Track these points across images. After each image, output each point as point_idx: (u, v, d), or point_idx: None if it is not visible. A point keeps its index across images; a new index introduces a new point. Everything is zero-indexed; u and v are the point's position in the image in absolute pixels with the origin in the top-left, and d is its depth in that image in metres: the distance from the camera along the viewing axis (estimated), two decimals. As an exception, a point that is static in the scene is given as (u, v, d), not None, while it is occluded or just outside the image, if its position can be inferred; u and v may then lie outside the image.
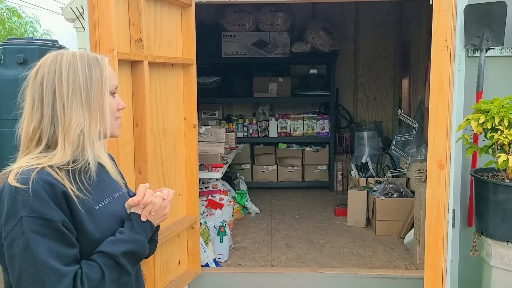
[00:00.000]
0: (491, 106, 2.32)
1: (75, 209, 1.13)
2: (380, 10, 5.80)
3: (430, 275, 2.39)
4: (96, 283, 1.12)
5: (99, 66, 1.21)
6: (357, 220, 4.19)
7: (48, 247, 1.07)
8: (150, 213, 1.23)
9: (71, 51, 1.25)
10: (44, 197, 1.08)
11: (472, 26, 2.73)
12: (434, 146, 2.33)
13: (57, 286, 1.07)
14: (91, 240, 1.16)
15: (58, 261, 1.08)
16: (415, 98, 5.02)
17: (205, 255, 3.22)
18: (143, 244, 1.21)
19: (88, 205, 1.16)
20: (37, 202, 1.07)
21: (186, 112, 2.96)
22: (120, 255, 1.15)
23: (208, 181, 4.14)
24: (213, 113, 5.75)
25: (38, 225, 1.06)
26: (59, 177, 1.13)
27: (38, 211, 1.07)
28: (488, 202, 2.34)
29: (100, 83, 1.19)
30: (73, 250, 1.12)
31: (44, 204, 1.07)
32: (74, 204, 1.13)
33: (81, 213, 1.14)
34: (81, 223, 1.14)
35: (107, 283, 1.13)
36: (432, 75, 2.32)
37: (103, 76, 1.20)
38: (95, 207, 1.19)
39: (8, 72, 4.00)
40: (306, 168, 5.61)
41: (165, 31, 2.71)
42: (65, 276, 1.07)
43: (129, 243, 1.18)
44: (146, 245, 1.23)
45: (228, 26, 5.42)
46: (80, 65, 1.18)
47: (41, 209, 1.07)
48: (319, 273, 3.16)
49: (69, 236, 1.11)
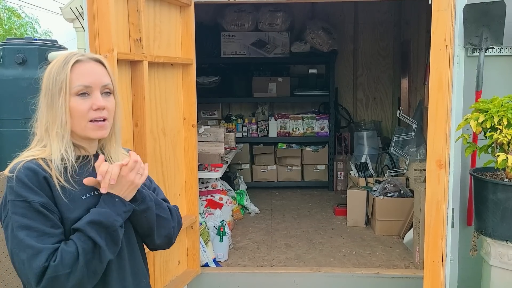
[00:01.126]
0: (490, 106, 2.32)
1: (56, 195, 1.21)
2: (379, 10, 5.80)
3: (430, 274, 2.39)
4: (70, 256, 1.16)
5: (64, 68, 1.25)
6: (356, 220, 4.19)
7: (27, 227, 1.16)
8: (110, 184, 1.24)
9: (64, 53, 1.30)
10: (25, 182, 1.18)
11: (471, 26, 2.73)
12: (434, 145, 2.33)
13: (33, 262, 1.14)
14: (71, 223, 1.22)
15: (36, 239, 1.15)
16: (414, 97, 5.02)
17: (205, 254, 3.22)
18: (107, 215, 1.22)
19: (74, 195, 1.23)
20: (19, 187, 1.18)
21: (185, 112, 2.96)
22: (85, 226, 1.19)
23: (207, 181, 4.14)
24: (212, 113, 5.75)
25: (20, 207, 1.17)
26: (47, 167, 1.21)
27: (20, 195, 1.17)
28: (487, 201, 2.34)
29: (60, 85, 1.24)
30: (55, 230, 1.19)
31: (26, 188, 1.17)
32: (55, 191, 1.21)
33: (61, 201, 1.22)
34: (60, 210, 1.22)
35: (81, 256, 1.16)
36: (431, 75, 2.32)
37: (66, 79, 1.24)
38: (81, 197, 1.25)
39: (8, 72, 4.00)
40: (306, 168, 5.62)
41: (165, 31, 2.71)
42: (40, 253, 1.14)
43: (92, 214, 1.22)
44: (112, 216, 1.22)
45: (227, 26, 5.42)
46: (55, 69, 1.26)
47: (23, 192, 1.17)
48: (319, 273, 3.16)
49: (50, 217, 1.18)
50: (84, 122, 1.26)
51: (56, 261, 1.14)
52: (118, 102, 1.35)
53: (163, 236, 1.40)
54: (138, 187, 1.29)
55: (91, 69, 1.28)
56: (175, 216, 1.44)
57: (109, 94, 1.31)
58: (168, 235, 1.41)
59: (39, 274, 1.13)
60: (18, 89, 3.95)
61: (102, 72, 1.30)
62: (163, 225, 1.38)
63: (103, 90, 1.29)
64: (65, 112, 1.24)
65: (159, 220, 1.37)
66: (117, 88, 1.36)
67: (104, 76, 1.30)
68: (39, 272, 1.13)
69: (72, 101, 1.24)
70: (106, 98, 1.29)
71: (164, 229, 1.39)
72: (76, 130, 1.27)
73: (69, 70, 1.24)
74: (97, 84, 1.28)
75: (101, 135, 1.30)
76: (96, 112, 1.26)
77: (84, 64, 1.27)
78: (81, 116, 1.25)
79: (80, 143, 1.31)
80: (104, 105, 1.27)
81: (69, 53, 1.30)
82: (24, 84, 3.96)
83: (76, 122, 1.26)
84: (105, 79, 1.30)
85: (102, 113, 1.27)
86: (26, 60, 4.01)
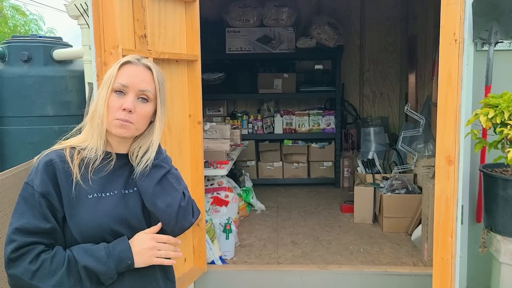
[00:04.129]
0: (500, 101, 2.29)
1: (64, 188, 1.25)
2: (386, 5, 5.75)
3: (439, 271, 2.36)
4: (46, 267, 1.20)
5: (116, 66, 1.32)
6: (363, 217, 4.17)
7: (22, 211, 1.23)
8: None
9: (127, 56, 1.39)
10: (40, 170, 1.24)
11: (481, 20, 2.69)
12: (443, 141, 2.30)
13: (7, 247, 1.21)
14: (75, 221, 1.25)
15: (22, 226, 1.21)
16: (422, 93, 4.97)
17: (211, 252, 3.21)
18: (109, 271, 1.24)
19: (81, 192, 1.26)
20: (35, 173, 1.25)
21: (191, 108, 2.94)
22: (83, 266, 1.22)
23: (213, 178, 4.12)
24: (217, 110, 5.73)
25: (27, 192, 1.24)
26: (69, 158, 1.27)
27: (32, 180, 1.25)
28: (497, 198, 2.31)
29: (108, 80, 1.30)
30: (44, 224, 1.22)
31: (38, 176, 1.24)
32: (64, 183, 1.25)
33: (67, 195, 1.25)
34: (63, 203, 1.26)
35: (58, 273, 1.20)
36: (440, 70, 2.29)
37: (112, 75, 1.30)
38: (88, 195, 1.27)
39: (13, 69, 4.00)
40: (312, 165, 5.58)
41: (169, 27, 2.69)
42: (14, 241, 1.20)
43: (98, 262, 1.23)
44: (112, 274, 1.25)
45: (232, 21, 5.38)
46: (111, 66, 1.34)
47: (34, 180, 1.24)
48: (326, 270, 3.14)
49: (45, 210, 1.22)
50: (112, 117, 1.29)
51: (34, 266, 1.19)
52: (163, 112, 1.35)
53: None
54: (154, 260, 1.32)
55: (135, 72, 1.31)
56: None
57: (145, 101, 1.32)
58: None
59: (6, 261, 1.21)
60: (23, 87, 3.96)
61: (146, 78, 1.32)
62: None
63: (139, 95, 1.31)
64: (103, 104, 1.29)
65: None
66: (164, 99, 1.36)
67: (146, 83, 1.32)
68: (6, 259, 1.21)
69: (111, 96, 1.30)
70: (140, 104, 1.31)
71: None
72: (105, 123, 1.30)
73: (117, 68, 1.31)
74: (135, 87, 1.30)
75: (120, 133, 1.30)
76: (122, 113, 1.29)
77: (132, 66, 1.32)
78: (111, 111, 1.29)
79: (110, 139, 1.34)
80: (131, 108, 1.29)
81: (130, 55, 1.37)
82: (29, 81, 3.97)
83: (107, 116, 1.30)
84: (145, 85, 1.31)
85: (128, 116, 1.29)
86: (31, 58, 4.01)
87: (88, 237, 1.25)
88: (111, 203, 1.28)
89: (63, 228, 1.26)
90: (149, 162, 1.34)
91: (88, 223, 1.25)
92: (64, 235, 1.26)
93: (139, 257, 1.28)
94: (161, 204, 1.32)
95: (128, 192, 1.33)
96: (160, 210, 1.32)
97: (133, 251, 1.27)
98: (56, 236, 1.25)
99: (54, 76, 4.03)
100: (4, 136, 4.02)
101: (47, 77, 4.00)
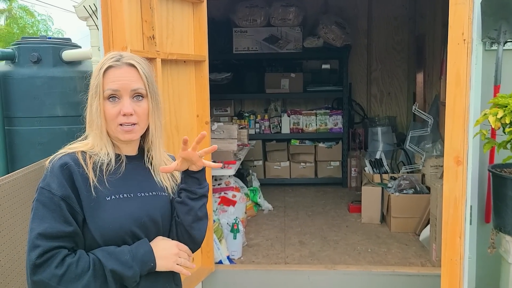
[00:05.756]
0: (509, 100, 2.27)
1: (82, 191, 1.24)
2: (394, 4, 5.72)
3: (447, 272, 2.35)
4: (72, 271, 1.18)
5: (99, 73, 1.30)
6: (371, 217, 4.16)
7: (42, 216, 1.20)
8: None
9: (105, 56, 1.37)
10: (56, 174, 1.23)
11: (489, 19, 2.67)
12: (451, 141, 2.28)
13: (31, 253, 1.18)
14: (97, 224, 1.24)
15: (45, 231, 1.18)
16: (430, 92, 4.95)
17: (219, 252, 3.22)
18: (134, 275, 1.25)
19: (100, 194, 1.25)
20: (50, 176, 1.23)
21: (198, 109, 2.95)
22: (110, 270, 1.22)
23: (220, 178, 4.14)
24: (224, 110, 5.74)
25: (44, 196, 1.21)
26: (83, 162, 1.26)
27: (48, 184, 1.22)
28: (506, 198, 2.29)
29: (95, 89, 1.30)
30: (66, 228, 1.20)
31: (54, 179, 1.22)
32: (82, 186, 1.24)
33: (86, 198, 1.24)
34: (82, 206, 1.24)
35: (85, 277, 1.19)
36: (448, 69, 2.27)
37: (99, 84, 1.29)
38: (106, 197, 1.26)
39: (23, 70, 4.04)
40: (319, 165, 5.58)
41: (177, 28, 2.70)
42: (38, 247, 1.17)
43: (124, 265, 1.23)
44: (137, 277, 1.26)
45: (239, 21, 5.39)
46: (94, 72, 1.32)
47: (51, 183, 1.22)
48: (333, 270, 3.14)
49: (66, 213, 1.21)
50: (114, 125, 1.30)
51: (60, 270, 1.18)
52: (156, 104, 1.35)
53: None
54: (175, 267, 1.34)
55: (121, 75, 1.30)
56: None
57: (140, 98, 1.32)
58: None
59: (32, 268, 1.18)
60: (33, 88, 3.99)
61: (133, 77, 1.31)
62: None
63: (133, 95, 1.31)
64: (99, 115, 1.29)
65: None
66: (155, 90, 1.36)
67: (134, 81, 1.31)
68: (32, 266, 1.17)
69: (105, 105, 1.29)
70: (137, 103, 1.31)
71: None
72: (109, 131, 1.32)
73: (102, 75, 1.29)
74: (126, 89, 1.30)
75: (129, 138, 1.32)
76: (124, 118, 1.29)
77: (115, 70, 1.30)
78: (111, 119, 1.29)
79: (117, 142, 1.35)
80: (131, 111, 1.29)
81: (107, 56, 1.33)
82: (38, 82, 4.00)
83: (108, 125, 1.31)
84: (135, 84, 1.31)
85: (130, 118, 1.30)
86: (41, 59, 4.04)
87: (109, 240, 1.25)
88: (131, 205, 1.29)
89: (83, 231, 1.25)
90: (166, 157, 1.45)
91: (110, 225, 1.24)
92: (84, 238, 1.25)
93: (162, 261, 1.29)
94: (201, 232, 1.42)
95: (144, 195, 1.33)
96: (198, 234, 1.41)
97: (156, 254, 1.28)
98: (78, 239, 1.23)
99: (63, 77, 4.06)
100: (14, 137, 4.06)
101: (56, 78, 4.03)
